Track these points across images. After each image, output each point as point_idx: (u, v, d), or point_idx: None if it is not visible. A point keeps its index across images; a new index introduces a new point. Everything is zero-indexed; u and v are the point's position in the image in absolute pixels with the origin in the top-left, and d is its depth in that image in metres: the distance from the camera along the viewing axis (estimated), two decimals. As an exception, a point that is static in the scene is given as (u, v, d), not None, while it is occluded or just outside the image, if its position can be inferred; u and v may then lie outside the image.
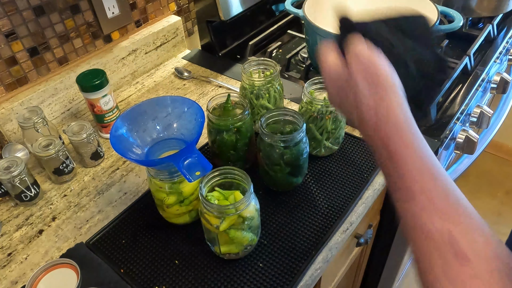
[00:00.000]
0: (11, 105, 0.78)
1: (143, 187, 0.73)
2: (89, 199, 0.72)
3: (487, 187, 1.98)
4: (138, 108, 0.64)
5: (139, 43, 0.97)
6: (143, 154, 0.63)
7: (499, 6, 1.07)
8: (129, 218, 0.67)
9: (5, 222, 0.69)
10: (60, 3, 0.81)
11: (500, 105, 1.14)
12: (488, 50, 1.04)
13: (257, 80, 0.72)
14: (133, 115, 0.64)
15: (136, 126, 0.64)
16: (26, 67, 0.81)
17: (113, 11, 0.91)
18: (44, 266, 0.57)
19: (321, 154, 0.74)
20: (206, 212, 0.54)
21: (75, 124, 0.75)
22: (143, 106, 0.65)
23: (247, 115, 0.66)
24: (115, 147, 0.57)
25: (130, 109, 0.63)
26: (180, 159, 0.54)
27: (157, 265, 0.60)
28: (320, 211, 0.66)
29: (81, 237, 0.65)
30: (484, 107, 0.98)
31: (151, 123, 0.65)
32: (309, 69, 0.98)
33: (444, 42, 1.02)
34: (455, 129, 0.88)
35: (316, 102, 0.67)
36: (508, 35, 1.10)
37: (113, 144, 0.58)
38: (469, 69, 0.96)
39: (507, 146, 2.06)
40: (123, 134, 0.62)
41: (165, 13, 1.04)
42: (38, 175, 0.77)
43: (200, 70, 1.03)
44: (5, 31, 0.75)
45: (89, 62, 0.89)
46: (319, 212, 0.66)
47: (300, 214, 0.66)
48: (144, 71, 1.03)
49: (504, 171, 2.05)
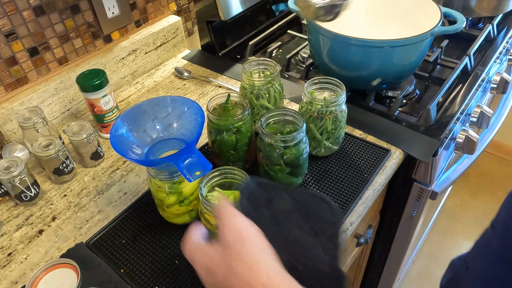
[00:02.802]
0: (11, 105, 0.78)
1: (143, 187, 0.73)
2: (89, 199, 0.72)
3: (487, 187, 1.98)
4: (138, 108, 0.64)
5: (139, 43, 0.97)
6: (143, 154, 0.63)
7: (499, 6, 1.07)
8: (129, 218, 0.67)
9: (5, 222, 0.69)
10: (60, 3, 0.81)
11: (500, 105, 1.14)
12: (488, 50, 1.04)
13: (257, 80, 0.72)
14: (133, 115, 0.64)
15: (136, 126, 0.64)
16: (26, 67, 0.81)
17: (113, 11, 0.91)
18: (44, 266, 0.57)
19: (321, 154, 0.74)
20: (206, 212, 0.54)
21: (75, 124, 0.75)
22: (143, 106, 0.65)
23: (247, 115, 0.66)
24: (115, 147, 0.57)
25: (130, 109, 0.63)
26: (180, 159, 0.53)
27: (157, 265, 0.60)
28: (320, 211, 0.66)
29: (81, 237, 0.65)
30: (484, 107, 0.98)
31: (151, 123, 0.65)
32: (309, 69, 0.99)
33: (444, 42, 1.02)
34: (455, 129, 0.88)
35: (316, 102, 0.67)
36: (508, 35, 1.10)
37: (113, 144, 0.57)
38: (469, 69, 0.96)
39: (507, 146, 2.06)
40: (123, 134, 0.62)
41: (165, 13, 1.04)
42: (38, 175, 0.77)
43: (200, 70, 1.03)
44: (5, 31, 0.75)
45: (89, 62, 0.89)
46: (319, 212, 0.66)
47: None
48: (144, 71, 1.03)
49: (504, 171, 2.05)
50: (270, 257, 0.39)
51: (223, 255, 0.40)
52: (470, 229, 1.82)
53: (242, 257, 0.39)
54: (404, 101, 0.90)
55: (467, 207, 1.91)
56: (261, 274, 0.37)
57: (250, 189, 0.48)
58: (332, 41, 0.81)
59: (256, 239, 0.41)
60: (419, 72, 0.95)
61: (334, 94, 0.70)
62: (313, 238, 0.45)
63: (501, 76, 1.04)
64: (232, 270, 0.38)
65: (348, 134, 0.79)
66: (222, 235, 0.41)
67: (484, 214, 1.87)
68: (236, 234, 0.40)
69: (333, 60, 0.85)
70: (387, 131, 0.81)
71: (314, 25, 0.81)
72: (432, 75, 0.97)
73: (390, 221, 1.04)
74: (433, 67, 0.99)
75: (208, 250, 0.42)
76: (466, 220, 1.86)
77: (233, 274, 0.38)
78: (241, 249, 0.39)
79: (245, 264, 0.38)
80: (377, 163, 0.73)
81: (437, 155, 0.81)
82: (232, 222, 0.41)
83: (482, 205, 1.91)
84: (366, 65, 0.81)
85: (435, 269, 1.69)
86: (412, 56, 0.80)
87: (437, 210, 1.61)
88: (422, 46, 0.80)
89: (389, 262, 1.19)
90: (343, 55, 0.82)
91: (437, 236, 1.80)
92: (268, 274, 0.37)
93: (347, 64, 0.83)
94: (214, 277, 0.40)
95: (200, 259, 0.42)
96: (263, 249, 0.40)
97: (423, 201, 0.93)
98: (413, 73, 0.92)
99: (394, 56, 0.78)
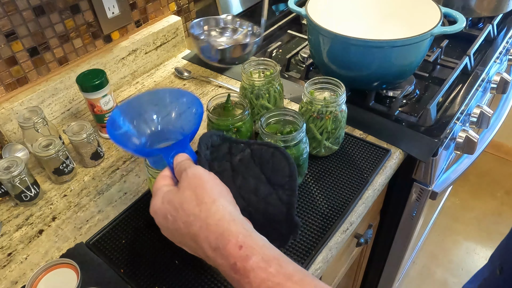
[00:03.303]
0: (11, 105, 0.78)
1: (143, 187, 0.73)
2: (89, 199, 0.72)
3: (487, 187, 1.98)
4: (137, 99, 0.62)
5: (139, 43, 0.97)
6: (141, 145, 0.61)
7: (499, 6, 1.07)
8: (129, 218, 0.67)
9: (5, 222, 0.69)
10: (60, 3, 0.81)
11: (500, 105, 1.14)
12: (488, 50, 1.04)
13: (257, 80, 0.73)
14: (132, 105, 0.61)
15: (134, 116, 0.61)
16: (26, 67, 0.81)
17: (113, 11, 0.91)
18: (44, 266, 0.57)
19: (321, 154, 0.74)
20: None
21: (75, 124, 0.75)
22: (143, 97, 0.62)
23: (247, 115, 0.66)
24: (111, 133, 0.55)
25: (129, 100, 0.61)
26: (170, 153, 0.50)
27: (157, 265, 0.60)
28: (320, 211, 0.66)
29: (81, 237, 0.65)
30: (484, 107, 0.98)
31: (150, 114, 0.63)
32: (309, 69, 0.99)
33: (444, 42, 1.02)
34: (455, 129, 0.88)
35: (316, 102, 0.67)
36: (508, 35, 1.10)
37: (109, 132, 0.55)
38: (469, 69, 0.96)
39: (507, 146, 2.06)
40: (120, 123, 0.59)
41: (165, 13, 1.04)
42: (38, 175, 0.77)
43: (200, 70, 1.03)
44: (5, 31, 0.75)
45: (89, 62, 0.89)
46: (319, 212, 0.66)
47: (300, 214, 0.66)
48: (144, 71, 1.03)
49: (504, 171, 2.05)
50: (226, 200, 0.42)
51: (181, 199, 0.42)
52: (470, 229, 1.82)
53: (199, 199, 0.41)
54: (404, 101, 0.90)
55: (467, 207, 1.91)
56: (216, 214, 0.40)
57: (210, 139, 0.50)
58: (332, 41, 0.81)
59: (214, 185, 0.43)
60: (419, 72, 0.95)
61: (334, 94, 0.70)
62: (269, 188, 0.47)
63: (501, 76, 1.04)
64: (188, 211, 0.41)
65: (348, 134, 0.79)
66: (180, 182, 0.43)
67: (484, 214, 1.87)
68: (195, 180, 0.42)
69: (333, 60, 0.85)
70: (387, 131, 0.81)
71: (314, 25, 0.81)
72: (432, 75, 0.97)
73: (390, 221, 1.04)
74: (433, 67, 0.99)
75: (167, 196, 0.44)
76: (466, 220, 1.86)
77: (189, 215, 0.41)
78: (198, 192, 0.41)
79: (201, 204, 0.40)
80: (377, 163, 0.73)
81: (437, 155, 0.81)
82: (192, 169, 0.44)
83: (482, 205, 1.91)
84: (366, 65, 0.81)
85: (435, 269, 1.69)
86: (412, 56, 0.80)
87: (437, 210, 1.61)
88: (422, 46, 0.80)
89: (389, 262, 1.19)
90: (343, 55, 0.82)
91: (437, 236, 1.80)
92: (223, 214, 0.40)
93: (347, 64, 0.83)
94: (172, 221, 0.43)
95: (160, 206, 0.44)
96: (221, 193, 0.42)
97: (423, 201, 0.93)
98: (413, 73, 0.92)
99: (394, 56, 0.78)
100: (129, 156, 0.80)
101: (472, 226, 1.83)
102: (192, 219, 0.41)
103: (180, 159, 0.47)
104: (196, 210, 0.40)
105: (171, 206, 0.43)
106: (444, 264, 1.70)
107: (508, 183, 1.98)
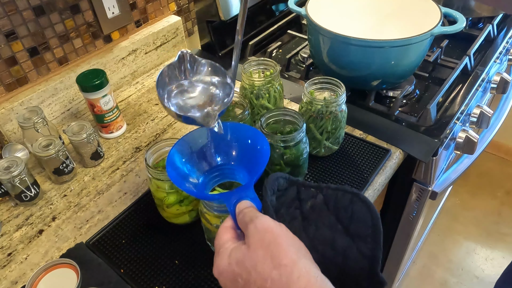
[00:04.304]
0: (11, 105, 0.78)
1: (143, 187, 0.73)
2: (89, 199, 0.72)
3: (487, 187, 1.98)
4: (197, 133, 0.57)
5: (139, 43, 0.97)
6: (200, 185, 0.55)
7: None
8: (129, 218, 0.67)
9: (5, 222, 0.69)
10: (60, 3, 0.81)
11: (500, 105, 1.14)
12: (488, 50, 1.04)
13: (257, 80, 0.73)
14: (191, 140, 0.57)
15: (191, 153, 0.56)
16: (26, 67, 0.81)
17: (113, 11, 0.91)
18: (44, 266, 0.57)
19: (321, 154, 0.74)
20: (206, 211, 0.54)
21: (75, 124, 0.75)
22: (202, 131, 0.57)
23: (247, 115, 0.66)
24: (171, 175, 0.51)
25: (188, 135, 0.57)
26: (233, 201, 0.44)
27: (157, 265, 0.60)
28: (320, 211, 0.66)
29: (81, 237, 0.65)
30: (484, 107, 0.98)
31: (209, 149, 0.57)
32: (309, 69, 0.99)
33: (444, 42, 1.02)
34: (455, 129, 0.88)
35: (316, 102, 0.67)
36: (508, 35, 1.10)
37: (169, 172, 0.52)
38: (469, 69, 0.96)
39: (507, 146, 2.06)
40: (177, 163, 0.54)
41: (165, 13, 1.04)
42: (38, 175, 0.77)
43: (200, 70, 1.03)
44: (5, 31, 0.75)
45: (89, 62, 0.89)
46: (319, 212, 0.66)
47: (300, 214, 0.65)
48: (144, 71, 1.03)
49: (504, 171, 2.05)
50: (307, 259, 0.36)
51: (253, 259, 0.36)
52: (470, 229, 1.82)
53: (276, 260, 0.35)
54: (404, 101, 0.90)
55: (467, 207, 1.91)
56: (300, 279, 0.34)
57: (276, 182, 0.44)
58: (332, 41, 0.81)
59: (289, 239, 0.37)
60: (419, 72, 0.95)
61: (334, 94, 0.70)
62: (348, 240, 0.41)
63: (501, 76, 1.04)
64: (264, 275, 0.35)
65: (348, 134, 0.79)
66: (248, 237, 0.37)
67: (484, 214, 1.87)
68: (266, 235, 0.36)
69: (333, 60, 0.85)
70: (387, 131, 0.81)
71: (314, 25, 0.81)
72: (432, 75, 0.97)
73: (390, 221, 1.04)
74: (433, 67, 0.99)
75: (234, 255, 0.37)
76: (466, 220, 1.86)
77: (267, 279, 0.35)
78: (274, 251, 0.35)
79: (281, 267, 0.34)
80: (377, 163, 0.73)
81: (437, 155, 0.81)
82: (261, 221, 0.38)
83: (482, 205, 1.91)
84: (366, 65, 0.81)
85: (435, 269, 1.69)
86: (412, 56, 0.80)
87: (437, 210, 1.62)
88: (422, 46, 0.80)
89: (389, 262, 1.19)
90: (343, 55, 0.82)
91: (437, 236, 1.80)
92: (308, 279, 0.34)
93: (347, 64, 0.83)
94: (242, 285, 0.36)
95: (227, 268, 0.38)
96: (299, 250, 0.36)
97: (423, 201, 0.93)
98: (413, 73, 0.92)
99: (394, 56, 0.78)
100: (129, 156, 0.80)
101: (472, 226, 1.83)
102: (270, 284, 0.34)
103: (243, 206, 0.41)
104: (274, 274, 0.34)
105: (241, 268, 0.36)
106: (444, 264, 1.70)
107: (508, 183, 1.98)
